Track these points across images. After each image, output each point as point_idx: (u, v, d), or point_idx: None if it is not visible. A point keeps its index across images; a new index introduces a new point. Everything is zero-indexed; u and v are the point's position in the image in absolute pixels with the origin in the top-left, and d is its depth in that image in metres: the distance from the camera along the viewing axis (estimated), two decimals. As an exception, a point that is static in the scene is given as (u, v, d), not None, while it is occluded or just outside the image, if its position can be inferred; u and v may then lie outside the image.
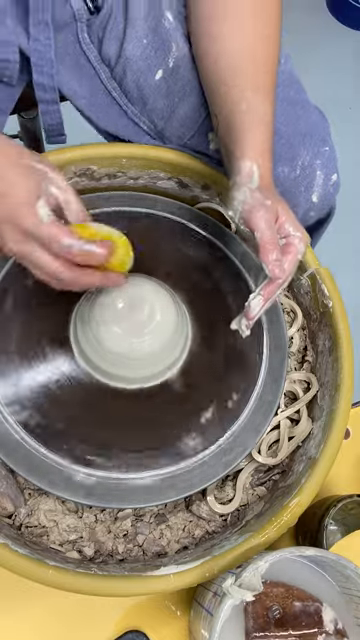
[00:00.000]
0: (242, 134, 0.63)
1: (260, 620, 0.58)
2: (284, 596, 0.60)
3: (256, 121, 0.63)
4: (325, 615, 0.60)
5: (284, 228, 0.60)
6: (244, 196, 0.59)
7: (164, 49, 0.71)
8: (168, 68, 0.72)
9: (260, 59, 0.67)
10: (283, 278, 0.59)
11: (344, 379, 0.67)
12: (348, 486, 0.74)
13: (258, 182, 0.61)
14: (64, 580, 0.55)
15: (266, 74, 0.67)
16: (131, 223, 0.73)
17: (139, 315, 0.63)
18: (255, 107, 0.64)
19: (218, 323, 0.68)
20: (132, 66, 0.72)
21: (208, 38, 0.68)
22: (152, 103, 0.74)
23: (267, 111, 0.65)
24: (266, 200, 0.59)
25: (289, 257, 0.59)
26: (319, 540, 0.66)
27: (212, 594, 0.58)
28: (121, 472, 0.60)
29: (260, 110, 0.64)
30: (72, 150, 0.74)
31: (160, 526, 0.65)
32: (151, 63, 0.72)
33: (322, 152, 0.76)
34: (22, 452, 0.60)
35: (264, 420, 0.65)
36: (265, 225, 0.58)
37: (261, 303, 0.59)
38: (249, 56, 0.66)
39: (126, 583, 0.56)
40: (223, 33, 0.67)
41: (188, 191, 0.79)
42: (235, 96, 0.65)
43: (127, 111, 0.76)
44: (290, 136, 0.74)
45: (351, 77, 1.84)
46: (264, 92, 0.65)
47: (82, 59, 0.74)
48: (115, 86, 0.74)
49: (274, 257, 0.57)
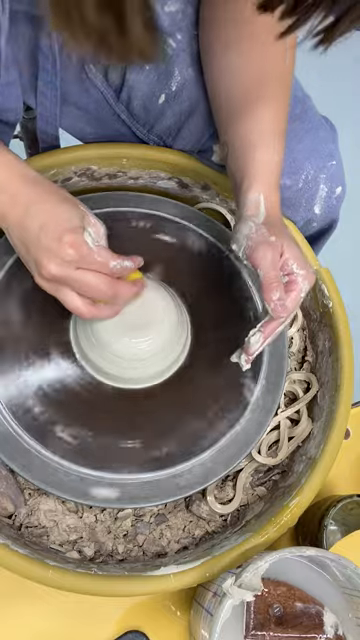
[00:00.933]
0: (251, 166, 0.63)
1: (260, 616, 0.58)
2: (286, 596, 0.60)
3: (266, 154, 0.63)
4: (326, 619, 0.60)
5: (288, 265, 0.59)
6: (249, 230, 0.59)
7: (167, 74, 0.71)
8: (171, 92, 0.72)
9: (272, 91, 0.66)
10: (285, 316, 0.58)
11: (344, 379, 0.66)
12: (348, 486, 0.74)
13: (264, 215, 0.61)
14: (64, 580, 0.55)
15: (279, 103, 0.66)
16: (131, 223, 0.73)
17: (139, 315, 0.63)
18: (266, 140, 0.64)
19: (218, 323, 0.68)
20: (137, 92, 0.72)
21: (218, 69, 0.68)
22: (159, 124, 0.75)
23: (277, 144, 0.64)
24: (271, 237, 0.59)
25: (292, 295, 0.59)
26: (319, 540, 0.66)
27: (212, 594, 0.58)
28: (121, 472, 0.60)
29: (271, 144, 0.64)
30: (72, 150, 0.74)
31: (160, 526, 0.65)
32: (154, 88, 0.72)
33: (328, 166, 0.75)
34: (22, 452, 0.60)
35: (264, 420, 0.65)
36: (269, 263, 0.57)
37: (261, 340, 0.59)
38: (261, 88, 0.65)
39: (126, 583, 0.56)
40: (234, 64, 0.66)
41: (188, 191, 0.79)
42: (246, 128, 0.64)
43: (136, 132, 0.76)
44: (295, 151, 0.74)
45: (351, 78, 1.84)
46: (276, 123, 0.65)
47: (89, 86, 0.74)
48: (123, 109, 0.75)
49: (277, 297, 0.57)
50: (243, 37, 0.66)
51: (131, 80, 0.72)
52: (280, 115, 0.66)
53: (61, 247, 0.54)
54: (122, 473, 0.60)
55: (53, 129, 0.75)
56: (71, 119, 0.77)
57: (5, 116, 0.70)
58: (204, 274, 0.72)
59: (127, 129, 0.77)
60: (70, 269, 0.55)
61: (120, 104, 0.75)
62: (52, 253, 0.54)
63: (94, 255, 0.55)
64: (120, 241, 0.72)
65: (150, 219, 0.74)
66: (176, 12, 0.70)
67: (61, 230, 0.54)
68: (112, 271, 0.57)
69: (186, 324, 0.67)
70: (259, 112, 0.65)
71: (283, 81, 0.67)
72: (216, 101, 0.69)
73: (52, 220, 0.55)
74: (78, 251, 0.54)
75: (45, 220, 0.55)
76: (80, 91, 0.75)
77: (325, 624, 0.60)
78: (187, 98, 0.72)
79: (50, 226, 0.55)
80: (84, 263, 0.55)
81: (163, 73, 0.71)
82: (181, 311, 0.66)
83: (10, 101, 0.68)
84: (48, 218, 0.55)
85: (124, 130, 0.77)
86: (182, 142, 0.76)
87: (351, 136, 1.48)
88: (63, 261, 0.54)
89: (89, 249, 0.55)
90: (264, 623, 0.58)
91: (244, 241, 0.60)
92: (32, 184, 0.57)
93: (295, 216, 0.76)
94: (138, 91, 0.72)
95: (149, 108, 0.73)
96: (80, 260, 0.55)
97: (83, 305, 0.57)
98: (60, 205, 0.56)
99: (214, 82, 0.69)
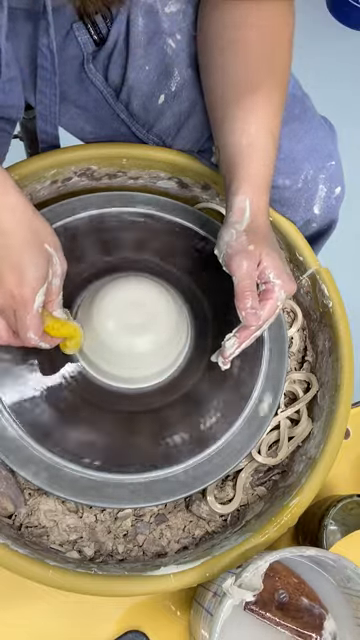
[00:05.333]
0: (240, 168, 0.63)
1: (265, 595, 0.58)
2: (295, 587, 0.60)
3: (256, 157, 0.63)
4: (327, 624, 0.60)
5: (264, 274, 0.59)
6: (229, 238, 0.60)
7: (166, 74, 0.71)
8: (171, 92, 0.72)
9: (265, 92, 0.66)
10: (257, 325, 0.58)
11: (344, 379, 0.66)
12: (348, 486, 0.74)
13: (248, 221, 0.61)
14: (64, 580, 0.55)
15: (272, 108, 0.66)
16: (131, 223, 0.73)
17: (139, 315, 0.63)
18: (257, 143, 0.64)
19: (217, 323, 0.68)
20: (136, 92, 0.72)
21: (214, 69, 0.68)
22: (159, 124, 0.75)
23: (269, 147, 0.64)
24: (250, 245, 0.59)
25: (267, 304, 0.59)
26: (319, 540, 0.66)
27: (212, 594, 0.58)
28: (122, 472, 0.60)
29: (263, 146, 0.64)
30: (72, 150, 0.74)
31: (160, 526, 0.65)
32: (154, 88, 0.72)
33: (327, 167, 0.75)
34: (22, 452, 0.60)
35: (264, 420, 0.65)
36: (244, 272, 0.58)
37: (235, 345, 0.59)
38: (255, 89, 0.65)
39: (126, 583, 0.56)
40: (229, 65, 0.66)
41: (188, 191, 0.79)
42: (237, 130, 0.64)
43: (135, 132, 0.76)
44: (294, 152, 0.73)
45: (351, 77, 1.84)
46: (268, 127, 0.65)
47: (89, 85, 0.74)
48: (122, 108, 0.75)
49: (249, 305, 0.57)
50: (239, 39, 0.66)
51: (131, 80, 0.72)
52: (276, 116, 0.66)
53: (11, 290, 0.54)
54: (122, 473, 0.60)
55: (52, 128, 0.75)
56: (70, 117, 0.77)
57: (7, 113, 0.70)
58: (204, 274, 0.72)
59: (126, 129, 0.77)
60: (5, 306, 0.56)
61: (119, 104, 0.75)
62: (2, 282, 0.54)
63: (27, 317, 0.55)
64: (120, 241, 0.72)
65: (150, 219, 0.74)
66: (177, 12, 0.70)
67: (22, 287, 0.54)
68: (29, 342, 0.57)
69: (186, 323, 0.67)
70: (252, 114, 0.64)
71: (278, 80, 0.67)
72: (211, 102, 0.69)
73: (19, 255, 0.54)
74: (20, 305, 0.55)
75: (14, 251, 0.54)
76: (80, 90, 0.75)
77: (325, 629, 0.59)
78: (186, 98, 0.73)
79: (13, 258, 0.54)
80: (17, 312, 0.56)
81: (163, 73, 0.71)
82: (181, 310, 0.66)
83: (12, 97, 0.68)
84: (18, 249, 0.54)
85: (124, 130, 0.77)
86: (182, 142, 0.76)
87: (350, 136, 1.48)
88: (5, 296, 0.55)
89: (27, 310, 0.55)
90: (266, 603, 0.58)
91: (224, 248, 0.60)
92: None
93: (294, 216, 0.76)
94: (138, 91, 0.72)
95: (149, 108, 0.74)
96: (16, 310, 0.55)
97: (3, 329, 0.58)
98: (30, 250, 0.55)
99: (210, 83, 0.69)
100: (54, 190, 0.76)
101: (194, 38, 0.71)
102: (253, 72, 0.66)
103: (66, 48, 0.73)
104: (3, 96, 0.67)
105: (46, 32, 0.66)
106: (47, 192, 0.75)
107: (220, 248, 0.61)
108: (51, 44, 0.67)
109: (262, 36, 0.66)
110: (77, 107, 0.76)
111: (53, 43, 0.67)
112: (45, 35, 0.67)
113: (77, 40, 0.72)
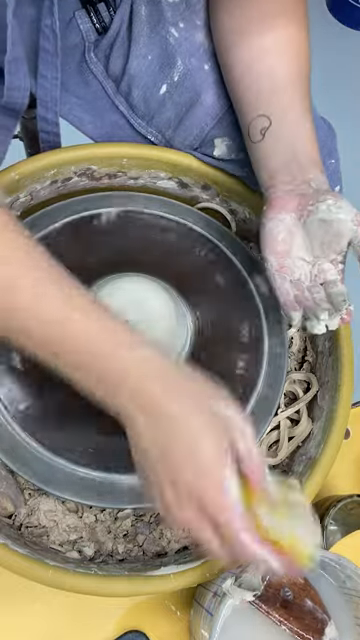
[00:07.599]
0: (307, 141, 0.66)
1: (271, 591, 0.58)
2: (301, 588, 0.60)
3: (312, 133, 0.66)
4: (328, 630, 0.59)
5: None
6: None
7: (169, 64, 0.71)
8: (173, 82, 0.72)
9: (296, 75, 0.68)
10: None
11: (344, 379, 0.66)
12: (348, 486, 0.74)
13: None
14: (64, 580, 0.55)
15: (302, 89, 0.68)
16: (131, 223, 0.73)
17: (139, 314, 0.62)
18: (309, 119, 0.67)
19: (217, 323, 0.68)
20: (138, 82, 0.72)
21: (257, 49, 0.68)
22: (159, 115, 0.74)
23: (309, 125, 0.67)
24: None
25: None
26: (319, 540, 0.66)
27: (212, 594, 0.58)
28: (121, 472, 0.60)
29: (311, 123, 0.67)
30: (72, 150, 0.74)
31: (160, 526, 0.65)
32: (156, 78, 0.72)
33: (327, 165, 0.75)
34: (22, 452, 0.60)
35: (264, 420, 0.65)
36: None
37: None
38: (302, 66, 0.69)
39: (126, 583, 0.56)
40: (278, 45, 0.68)
41: (188, 191, 0.79)
42: (296, 103, 0.67)
43: (134, 124, 0.76)
44: None
45: (351, 77, 1.84)
46: (303, 108, 0.67)
47: (89, 77, 0.74)
48: (122, 100, 0.75)
49: None
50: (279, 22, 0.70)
51: (132, 69, 0.71)
52: (306, 91, 0.70)
53: (193, 495, 0.46)
54: (122, 473, 0.60)
55: (53, 115, 0.74)
56: (70, 107, 0.76)
57: (13, 96, 0.68)
58: (204, 274, 0.72)
59: (125, 121, 0.76)
60: (198, 521, 0.47)
61: (119, 95, 0.74)
62: (183, 490, 0.46)
63: (233, 524, 0.45)
64: (119, 241, 0.72)
65: (150, 219, 0.74)
66: (180, 2, 0.70)
67: (200, 469, 0.46)
68: (244, 551, 0.46)
69: (186, 324, 0.67)
70: (302, 89, 0.68)
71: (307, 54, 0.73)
72: (252, 81, 0.69)
73: (191, 447, 0.46)
74: (219, 514, 0.46)
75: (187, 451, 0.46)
76: (79, 81, 0.75)
77: (325, 634, 0.59)
78: (189, 88, 0.72)
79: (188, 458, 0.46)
80: (214, 520, 0.46)
81: (165, 63, 0.71)
82: (181, 311, 0.66)
83: (18, 78, 0.67)
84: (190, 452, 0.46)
85: (122, 122, 0.76)
86: (182, 134, 0.75)
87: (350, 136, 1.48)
88: (187, 508, 0.46)
89: (226, 510, 0.46)
90: (270, 599, 0.58)
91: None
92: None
93: None
94: (139, 81, 0.72)
95: (149, 99, 0.73)
96: (212, 518, 0.46)
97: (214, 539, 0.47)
98: (198, 417, 0.46)
99: (250, 62, 0.68)
100: (54, 190, 0.76)
101: (197, 27, 0.71)
102: (298, 47, 0.72)
103: (68, 36, 0.72)
104: (9, 77, 0.66)
105: (50, 12, 0.65)
106: (47, 192, 0.75)
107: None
108: (54, 24, 0.66)
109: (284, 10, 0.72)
110: (77, 97, 0.76)
111: (57, 23, 0.66)
112: (49, 15, 0.66)
113: (79, 28, 0.72)
